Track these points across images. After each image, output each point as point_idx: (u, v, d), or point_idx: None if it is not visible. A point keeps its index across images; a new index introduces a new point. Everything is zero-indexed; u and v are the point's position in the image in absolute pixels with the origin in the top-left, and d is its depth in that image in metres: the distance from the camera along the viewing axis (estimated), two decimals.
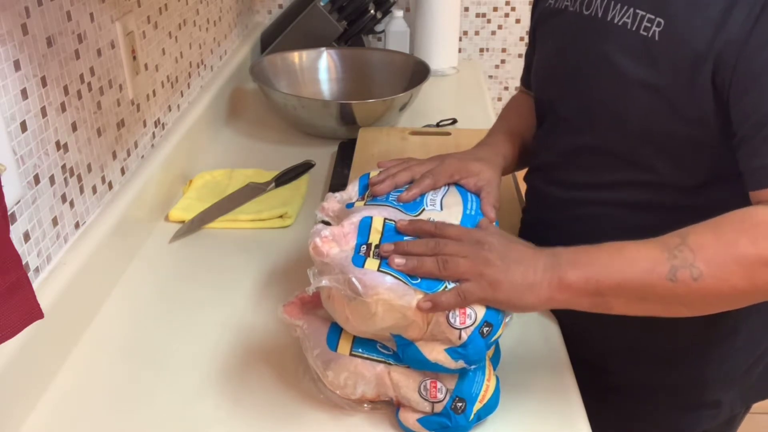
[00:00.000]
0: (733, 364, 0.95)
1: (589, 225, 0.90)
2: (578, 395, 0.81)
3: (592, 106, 0.87)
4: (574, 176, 0.93)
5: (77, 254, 0.91)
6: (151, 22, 1.19)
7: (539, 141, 1.01)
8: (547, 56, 0.97)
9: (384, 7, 1.83)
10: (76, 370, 0.86)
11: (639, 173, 0.85)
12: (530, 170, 1.04)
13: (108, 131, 1.03)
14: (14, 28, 0.79)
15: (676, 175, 0.83)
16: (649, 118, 0.81)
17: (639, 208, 0.87)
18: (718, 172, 0.81)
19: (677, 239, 0.70)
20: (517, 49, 2.06)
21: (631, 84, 0.81)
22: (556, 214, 0.97)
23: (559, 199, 0.96)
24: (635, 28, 0.80)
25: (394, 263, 0.72)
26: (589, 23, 0.86)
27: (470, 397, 0.73)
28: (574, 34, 0.89)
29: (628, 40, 0.81)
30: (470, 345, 0.69)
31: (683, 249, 0.69)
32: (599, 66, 0.85)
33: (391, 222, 0.79)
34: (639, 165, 0.85)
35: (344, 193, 0.92)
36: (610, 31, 0.83)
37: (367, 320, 0.71)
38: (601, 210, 0.90)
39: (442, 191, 0.88)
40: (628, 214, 0.88)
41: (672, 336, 0.92)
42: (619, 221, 0.89)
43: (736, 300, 0.72)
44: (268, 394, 0.81)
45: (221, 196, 1.21)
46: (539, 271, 0.71)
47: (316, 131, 1.48)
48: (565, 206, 0.94)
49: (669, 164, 0.83)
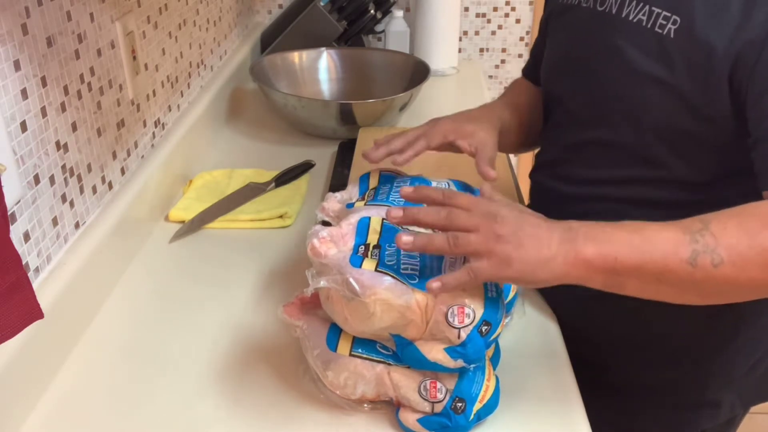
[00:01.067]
0: (733, 365, 0.95)
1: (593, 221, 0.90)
2: (578, 395, 0.81)
3: (605, 102, 0.87)
4: (579, 172, 0.93)
5: (77, 254, 0.91)
6: (151, 22, 1.19)
7: (545, 137, 1.01)
8: (559, 50, 0.98)
9: (384, 7, 1.83)
10: (76, 370, 0.86)
11: (648, 169, 0.85)
12: (535, 167, 1.04)
13: (108, 131, 1.03)
14: (14, 28, 0.79)
15: (685, 171, 0.83)
16: (663, 114, 0.81)
17: (643, 205, 0.87)
18: (727, 170, 0.81)
19: (699, 224, 0.68)
20: (517, 49, 2.06)
21: (645, 81, 0.81)
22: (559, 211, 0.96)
23: (563, 195, 0.95)
24: (650, 25, 0.81)
25: (401, 241, 0.69)
26: (603, 19, 0.86)
27: (470, 397, 0.73)
28: (587, 30, 0.90)
29: (643, 37, 0.81)
30: (469, 344, 0.69)
31: (705, 234, 0.67)
32: (612, 61, 0.85)
33: (389, 222, 0.79)
34: (649, 161, 0.85)
35: (344, 193, 0.92)
36: (624, 28, 0.83)
37: (366, 320, 0.71)
38: (605, 206, 0.90)
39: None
40: (632, 211, 0.87)
41: (672, 335, 0.92)
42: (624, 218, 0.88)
43: (749, 291, 0.71)
44: (268, 394, 0.81)
45: (221, 196, 1.21)
46: (554, 244, 0.68)
47: (316, 131, 1.48)
48: (569, 202, 0.94)
49: (680, 161, 0.83)
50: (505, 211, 0.70)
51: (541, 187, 1.02)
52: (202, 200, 1.20)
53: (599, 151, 0.90)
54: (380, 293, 0.69)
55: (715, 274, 0.67)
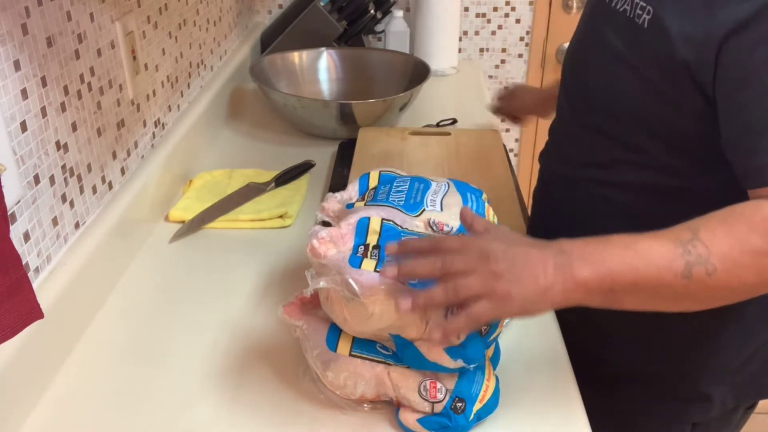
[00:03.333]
0: (724, 359, 0.96)
1: (589, 204, 0.95)
2: (578, 395, 0.81)
3: (591, 88, 0.92)
4: (575, 155, 0.97)
5: (77, 254, 0.91)
6: (151, 22, 1.19)
7: (552, 124, 1.07)
8: (572, 42, 1.03)
9: (384, 7, 1.83)
10: (76, 370, 0.86)
11: (633, 155, 0.88)
12: (543, 151, 1.10)
13: (108, 131, 1.03)
14: (14, 28, 0.79)
15: (668, 158, 0.85)
16: (639, 103, 0.84)
17: (634, 190, 0.90)
18: (708, 158, 0.82)
19: (689, 233, 0.69)
20: (517, 49, 2.06)
21: (623, 69, 0.85)
22: (560, 192, 1.02)
23: (562, 177, 1.01)
24: (631, 14, 0.84)
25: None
26: (601, 9, 0.91)
27: (470, 397, 0.73)
28: (589, 20, 0.96)
29: (624, 25, 0.85)
30: (469, 344, 0.70)
31: (696, 244, 0.68)
32: (598, 49, 0.90)
33: (389, 222, 0.79)
34: (631, 147, 0.88)
35: (344, 193, 0.92)
36: (612, 17, 0.88)
37: (365, 321, 0.71)
38: (600, 190, 0.93)
39: (442, 191, 0.88)
40: (623, 195, 0.91)
41: (663, 328, 0.92)
42: (615, 202, 0.92)
43: (742, 293, 0.72)
44: (268, 394, 0.81)
45: (221, 196, 1.21)
46: (549, 272, 0.67)
47: (316, 131, 1.48)
48: (569, 185, 0.98)
49: (659, 147, 0.85)
50: (495, 245, 0.69)
51: (545, 170, 1.08)
52: (202, 200, 1.20)
53: (590, 136, 0.93)
54: (379, 294, 0.69)
55: (710, 283, 0.68)
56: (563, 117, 1.03)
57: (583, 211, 0.96)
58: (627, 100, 0.85)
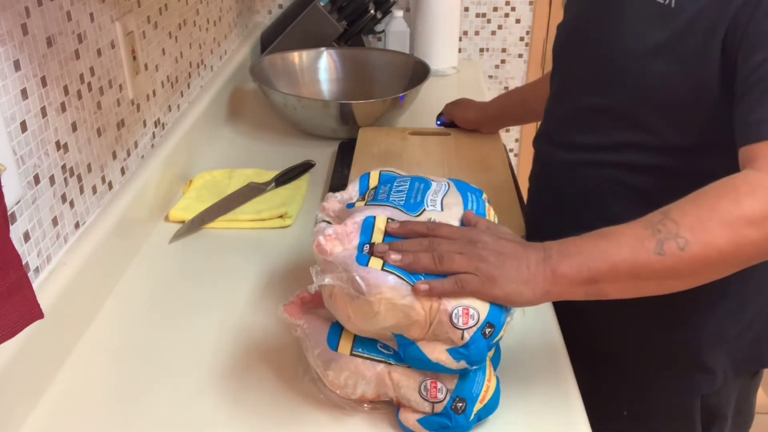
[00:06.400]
0: (722, 328, 0.96)
1: (591, 187, 0.95)
2: (578, 395, 0.81)
3: (604, 69, 0.91)
4: (576, 137, 0.97)
5: (77, 254, 0.91)
6: (151, 22, 1.19)
7: (548, 107, 1.07)
8: (569, 22, 1.03)
9: (384, 7, 1.83)
10: (76, 370, 0.85)
11: (639, 134, 0.88)
12: (537, 135, 1.09)
13: (108, 131, 1.03)
14: (14, 28, 0.79)
15: (674, 137, 0.86)
16: (658, 82, 0.84)
17: (638, 171, 0.90)
18: (715, 138, 0.83)
19: (659, 215, 0.71)
20: (517, 49, 2.06)
21: (642, 48, 0.85)
22: (560, 176, 1.01)
23: (562, 161, 1.00)
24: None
25: (390, 259, 0.72)
26: None
27: (471, 398, 0.73)
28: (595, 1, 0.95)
29: (644, 6, 0.85)
30: (472, 345, 0.69)
31: (666, 222, 0.70)
32: (612, 29, 0.89)
33: (394, 222, 0.79)
34: (639, 125, 0.88)
35: (344, 193, 0.92)
36: None
37: (370, 319, 0.71)
38: (602, 172, 0.93)
39: (442, 191, 0.88)
40: (627, 176, 0.91)
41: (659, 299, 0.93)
42: (619, 184, 0.92)
43: (723, 266, 0.72)
44: (268, 394, 0.81)
45: (221, 196, 1.21)
46: (532, 265, 0.72)
47: (316, 131, 1.48)
48: (568, 168, 0.98)
49: (668, 126, 0.86)
50: (484, 236, 0.74)
51: (543, 155, 1.08)
52: (202, 200, 1.20)
53: (594, 117, 0.94)
54: (385, 292, 0.69)
55: (685, 257, 0.68)
56: (561, 100, 1.02)
57: (584, 194, 0.96)
58: (645, 80, 0.85)
